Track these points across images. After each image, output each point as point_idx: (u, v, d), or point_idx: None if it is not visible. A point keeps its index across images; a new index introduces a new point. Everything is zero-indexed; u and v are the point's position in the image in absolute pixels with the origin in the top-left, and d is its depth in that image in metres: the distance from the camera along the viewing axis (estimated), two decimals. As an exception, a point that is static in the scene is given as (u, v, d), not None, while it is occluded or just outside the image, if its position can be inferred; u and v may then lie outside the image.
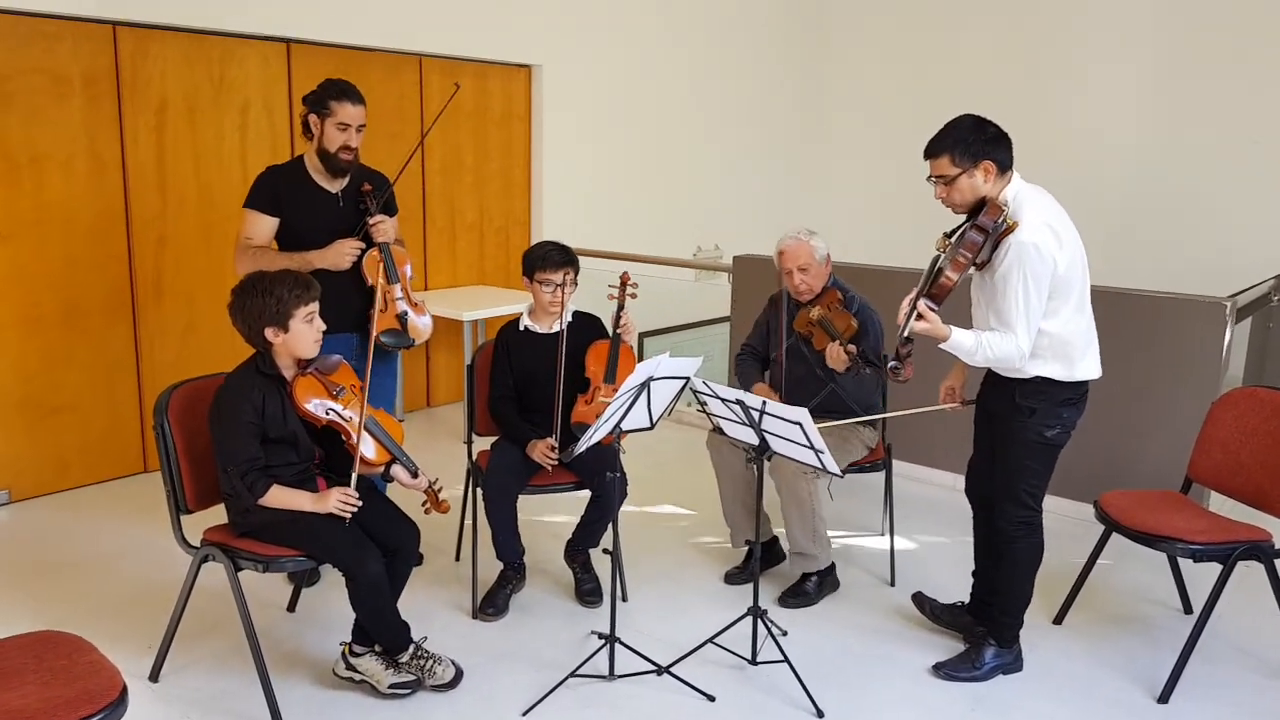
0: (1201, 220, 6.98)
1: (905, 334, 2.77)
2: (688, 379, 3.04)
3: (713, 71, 7.59)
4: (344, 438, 2.95)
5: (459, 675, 3.01)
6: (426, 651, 3.01)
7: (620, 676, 3.08)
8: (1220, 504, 3.88)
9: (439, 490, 3.08)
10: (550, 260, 3.44)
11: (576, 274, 3.49)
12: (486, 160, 6.20)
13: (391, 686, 2.93)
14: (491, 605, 3.47)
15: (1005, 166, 2.82)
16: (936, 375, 3.64)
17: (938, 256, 2.84)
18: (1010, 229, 2.73)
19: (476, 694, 2.98)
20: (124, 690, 2.12)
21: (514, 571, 3.57)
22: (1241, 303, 4.46)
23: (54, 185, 4.37)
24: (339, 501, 2.80)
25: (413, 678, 2.95)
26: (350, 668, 2.99)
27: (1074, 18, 7.30)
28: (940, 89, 7.85)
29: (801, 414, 2.77)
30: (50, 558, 3.90)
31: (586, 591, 3.59)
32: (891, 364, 2.84)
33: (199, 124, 4.81)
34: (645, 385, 2.91)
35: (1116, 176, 7.16)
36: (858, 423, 3.65)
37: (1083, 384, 2.94)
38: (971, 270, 2.86)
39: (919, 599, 3.47)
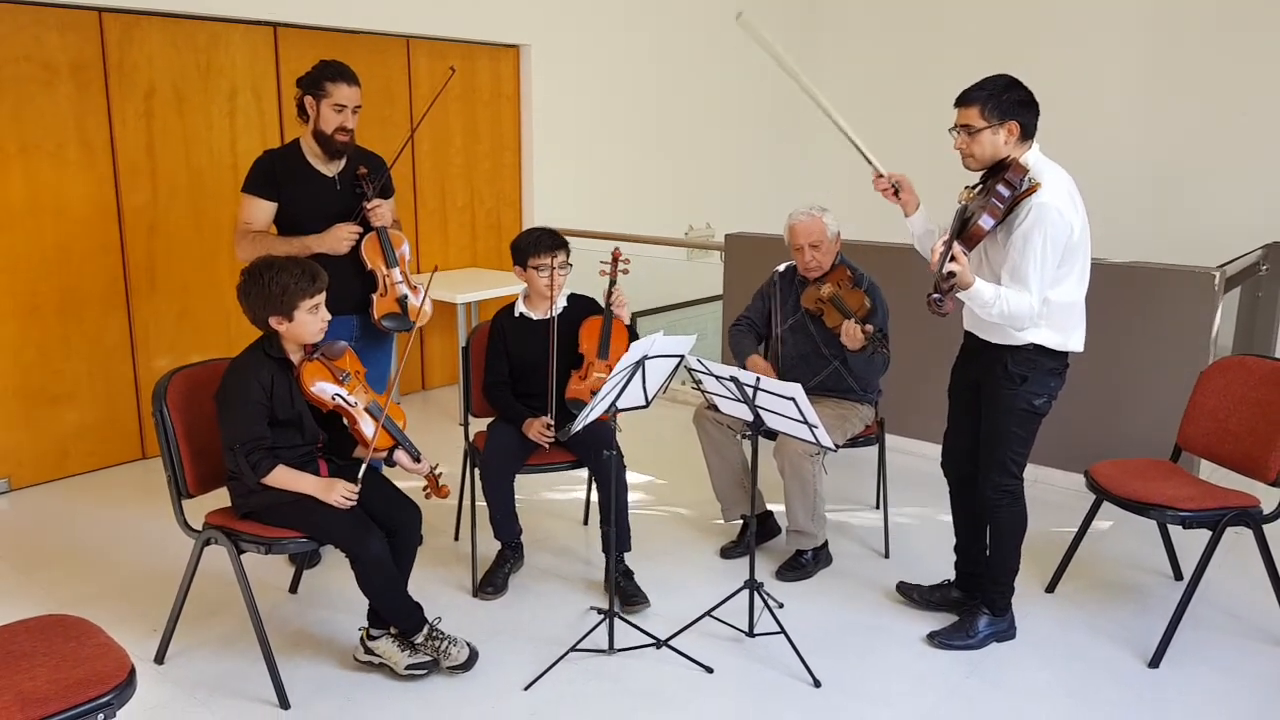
0: (1190, 191, 7.00)
1: (944, 270, 2.76)
2: (682, 357, 3.07)
3: (702, 48, 7.57)
4: (348, 423, 2.98)
5: (473, 656, 3.01)
6: (441, 633, 3.01)
7: (620, 650, 3.13)
8: (1210, 471, 3.93)
9: (439, 476, 3.11)
10: (541, 244, 3.45)
11: (568, 256, 3.50)
12: (476, 141, 6.19)
13: (408, 668, 2.94)
14: (491, 584, 3.51)
15: (1028, 133, 2.87)
16: (936, 349, 3.66)
17: (965, 206, 2.88)
18: (1033, 189, 2.79)
19: (478, 671, 3.02)
20: (132, 671, 2.15)
21: (511, 551, 3.60)
22: (1230, 272, 4.48)
23: (44, 174, 4.37)
24: (341, 496, 2.82)
25: (429, 658, 2.96)
26: (369, 651, 3.00)
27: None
28: (929, 62, 7.85)
29: (795, 389, 2.80)
30: (52, 544, 3.92)
31: (629, 595, 3.42)
32: (935, 296, 2.76)
33: (187, 110, 4.79)
34: (640, 364, 2.93)
35: (1104, 149, 7.16)
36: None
37: (1068, 355, 2.98)
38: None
39: (904, 589, 3.47)
